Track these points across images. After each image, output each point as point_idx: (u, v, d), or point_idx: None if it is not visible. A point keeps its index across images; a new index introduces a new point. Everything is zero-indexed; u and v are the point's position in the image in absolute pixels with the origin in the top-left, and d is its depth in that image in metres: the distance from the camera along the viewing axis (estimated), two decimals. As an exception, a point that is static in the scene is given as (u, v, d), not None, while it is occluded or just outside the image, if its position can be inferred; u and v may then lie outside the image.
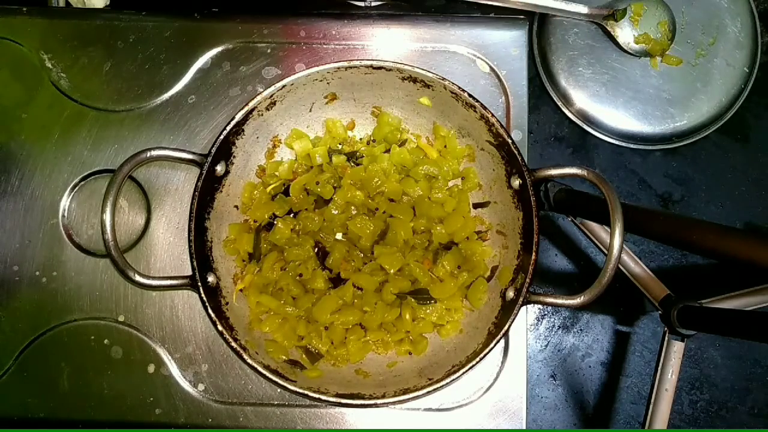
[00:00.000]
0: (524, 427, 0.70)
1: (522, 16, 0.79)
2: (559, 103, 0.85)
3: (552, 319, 0.84)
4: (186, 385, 0.70)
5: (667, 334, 0.77)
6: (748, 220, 0.87)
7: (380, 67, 0.68)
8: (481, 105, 0.67)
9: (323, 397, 0.63)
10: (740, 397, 0.85)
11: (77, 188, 0.74)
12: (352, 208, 0.71)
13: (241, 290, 0.70)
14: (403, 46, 0.77)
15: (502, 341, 0.70)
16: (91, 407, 0.70)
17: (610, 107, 0.83)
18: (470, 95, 0.67)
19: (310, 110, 0.73)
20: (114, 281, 0.72)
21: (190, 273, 0.64)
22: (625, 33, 0.82)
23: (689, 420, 0.85)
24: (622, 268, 0.82)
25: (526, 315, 0.76)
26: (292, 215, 0.72)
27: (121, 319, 0.71)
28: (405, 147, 0.73)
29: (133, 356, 0.71)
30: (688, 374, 0.85)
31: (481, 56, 0.76)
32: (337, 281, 0.71)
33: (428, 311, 0.69)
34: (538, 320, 0.84)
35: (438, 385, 0.63)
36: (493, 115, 0.67)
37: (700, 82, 0.84)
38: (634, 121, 0.84)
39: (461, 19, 0.78)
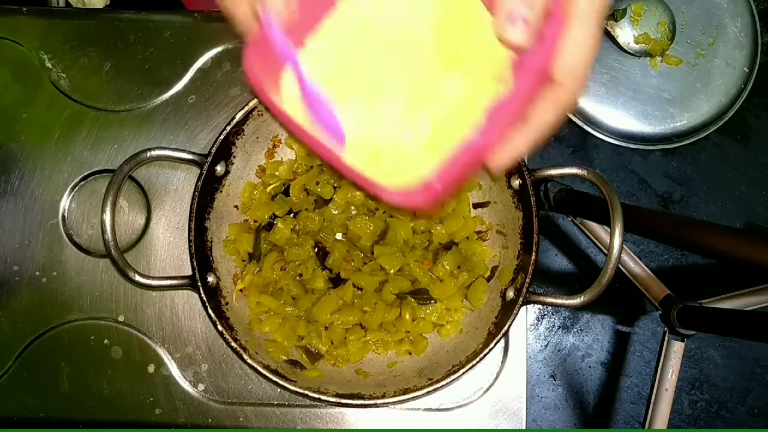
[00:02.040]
0: (524, 427, 0.70)
1: (522, 16, 0.79)
2: (559, 103, 0.85)
3: (552, 319, 0.84)
4: (186, 385, 0.70)
5: (667, 334, 0.77)
6: (748, 220, 0.88)
7: (380, 67, 0.67)
8: (481, 105, 0.66)
9: (323, 397, 0.63)
10: (740, 397, 0.85)
11: (77, 188, 0.74)
12: (352, 208, 0.71)
13: (241, 290, 0.70)
14: (403, 46, 0.76)
15: (502, 341, 0.70)
16: (91, 407, 0.70)
17: (610, 107, 0.83)
18: (470, 95, 0.66)
19: (310, 110, 0.73)
20: (114, 281, 0.72)
21: (190, 273, 0.64)
22: (625, 33, 0.82)
23: (689, 420, 0.85)
24: (622, 268, 0.82)
25: (526, 315, 0.76)
26: (292, 215, 0.72)
27: (121, 319, 0.71)
28: (405, 147, 0.73)
29: (133, 356, 0.71)
30: (688, 374, 0.85)
31: (481, 56, 0.76)
32: (337, 281, 0.71)
33: (428, 311, 0.69)
34: (538, 320, 0.84)
35: (438, 385, 0.63)
36: (493, 115, 0.66)
37: (700, 82, 0.84)
38: (634, 121, 0.84)
39: (461, 19, 0.77)
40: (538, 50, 0.39)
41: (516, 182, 0.67)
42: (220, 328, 0.63)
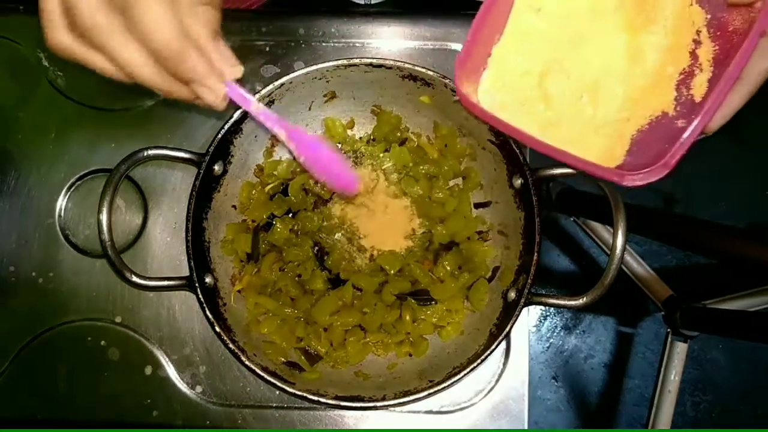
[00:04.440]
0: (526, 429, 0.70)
1: (523, 14, 0.78)
2: (561, 102, 0.84)
3: (554, 321, 0.83)
4: (184, 387, 0.69)
5: (670, 336, 0.76)
6: (751, 220, 0.87)
7: (380, 66, 0.67)
8: (482, 103, 0.66)
9: (322, 400, 0.62)
10: (743, 398, 0.84)
11: (74, 188, 0.73)
12: (352, 207, 0.71)
13: (239, 291, 0.69)
14: (403, 44, 0.76)
15: (504, 343, 0.69)
16: (88, 409, 0.69)
17: (613, 106, 0.83)
18: (471, 93, 0.66)
19: (309, 109, 0.72)
20: (111, 282, 0.71)
21: (187, 274, 0.63)
22: (627, 31, 0.82)
23: (692, 421, 0.84)
24: (624, 268, 0.81)
25: (528, 316, 0.75)
26: (290, 215, 0.72)
27: (118, 320, 0.71)
28: (405, 146, 0.73)
29: (130, 358, 0.70)
30: (691, 376, 0.84)
31: (482, 54, 0.75)
32: (336, 282, 0.70)
33: (429, 312, 0.68)
34: (540, 321, 0.83)
35: (439, 387, 0.62)
36: (494, 114, 0.66)
37: (704, 81, 0.83)
38: (636, 120, 0.83)
39: (462, 17, 0.77)
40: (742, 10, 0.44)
41: (518, 181, 0.67)
42: (218, 329, 0.62)
